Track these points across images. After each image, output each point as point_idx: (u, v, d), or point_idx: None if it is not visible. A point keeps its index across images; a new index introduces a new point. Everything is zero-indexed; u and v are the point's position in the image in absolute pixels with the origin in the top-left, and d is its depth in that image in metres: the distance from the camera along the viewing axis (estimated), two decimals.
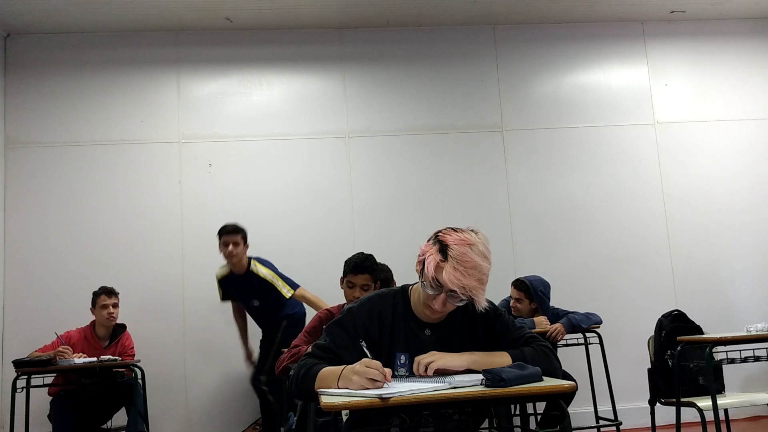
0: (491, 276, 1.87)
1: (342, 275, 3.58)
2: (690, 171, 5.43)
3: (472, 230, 1.90)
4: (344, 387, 1.70)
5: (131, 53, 5.20)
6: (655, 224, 5.33)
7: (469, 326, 1.99)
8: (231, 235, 4.44)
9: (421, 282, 1.91)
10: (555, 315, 4.33)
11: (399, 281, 3.91)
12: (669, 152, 5.44)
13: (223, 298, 4.67)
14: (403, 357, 1.92)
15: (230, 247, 4.42)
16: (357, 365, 1.70)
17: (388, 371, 1.68)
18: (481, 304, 1.87)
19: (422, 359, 1.83)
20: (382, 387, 1.64)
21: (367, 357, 1.81)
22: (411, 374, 1.88)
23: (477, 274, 1.81)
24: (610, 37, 5.56)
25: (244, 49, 5.29)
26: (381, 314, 1.96)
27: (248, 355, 4.78)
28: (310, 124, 5.24)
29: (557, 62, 5.50)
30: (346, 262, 3.56)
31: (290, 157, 5.18)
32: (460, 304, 1.90)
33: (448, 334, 1.97)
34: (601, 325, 4.29)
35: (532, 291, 4.28)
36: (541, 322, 4.17)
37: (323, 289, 4.36)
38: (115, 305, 4.38)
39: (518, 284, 4.34)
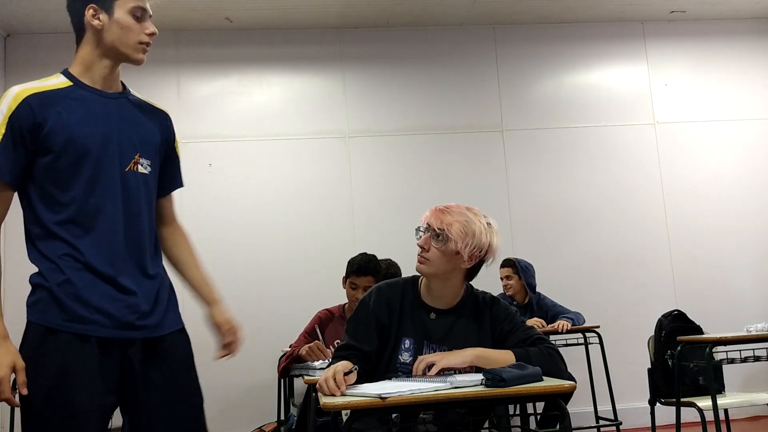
0: (490, 274, 1.88)
1: (345, 275, 3.53)
2: (690, 171, 5.42)
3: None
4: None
5: None
6: (655, 224, 5.33)
7: (476, 318, 2.02)
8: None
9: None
10: (542, 305, 4.46)
11: None
12: (669, 152, 5.43)
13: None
14: (407, 341, 1.97)
15: (150, 31, 1.83)
16: (326, 370, 1.77)
17: (349, 377, 1.73)
18: (457, 244, 1.92)
19: (425, 358, 1.85)
20: (339, 395, 1.67)
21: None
22: (414, 359, 1.91)
23: (458, 217, 1.93)
24: (610, 37, 5.56)
25: (244, 49, 5.28)
26: (390, 300, 2.02)
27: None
28: (310, 124, 5.23)
29: (557, 62, 5.49)
30: (349, 262, 3.49)
31: (290, 157, 5.17)
32: (440, 246, 1.93)
33: (453, 321, 2.01)
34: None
35: (518, 266, 4.47)
36: (536, 324, 4.20)
37: (323, 288, 4.34)
38: None
39: (505, 262, 4.53)
